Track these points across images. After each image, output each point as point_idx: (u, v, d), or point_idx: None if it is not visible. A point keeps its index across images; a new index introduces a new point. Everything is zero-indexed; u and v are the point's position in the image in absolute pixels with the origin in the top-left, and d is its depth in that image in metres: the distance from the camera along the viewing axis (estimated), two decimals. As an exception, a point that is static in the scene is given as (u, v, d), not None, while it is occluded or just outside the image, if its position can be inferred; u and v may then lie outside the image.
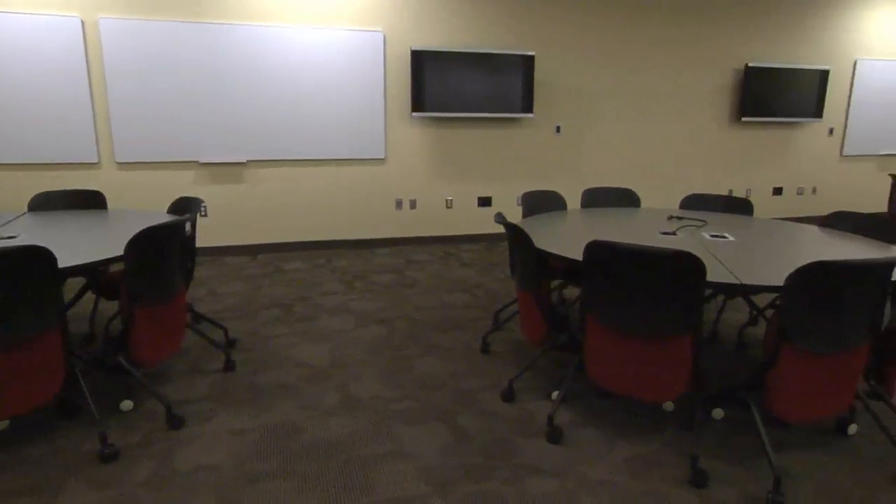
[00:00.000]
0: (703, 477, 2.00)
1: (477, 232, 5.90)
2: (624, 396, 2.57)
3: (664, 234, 2.83)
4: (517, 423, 2.40)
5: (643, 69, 5.97)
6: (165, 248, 2.36)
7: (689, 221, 3.18)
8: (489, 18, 5.43)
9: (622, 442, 2.26)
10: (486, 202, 5.86)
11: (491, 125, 5.67)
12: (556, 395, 2.60)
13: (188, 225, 2.78)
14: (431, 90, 5.24)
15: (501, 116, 5.54)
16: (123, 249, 2.18)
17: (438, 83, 5.24)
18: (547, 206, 3.56)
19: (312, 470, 2.08)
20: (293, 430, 2.34)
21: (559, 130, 5.86)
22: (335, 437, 2.29)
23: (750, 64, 6.09)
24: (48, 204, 3.40)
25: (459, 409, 2.51)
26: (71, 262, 2.15)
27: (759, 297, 3.92)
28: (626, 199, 3.80)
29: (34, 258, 1.91)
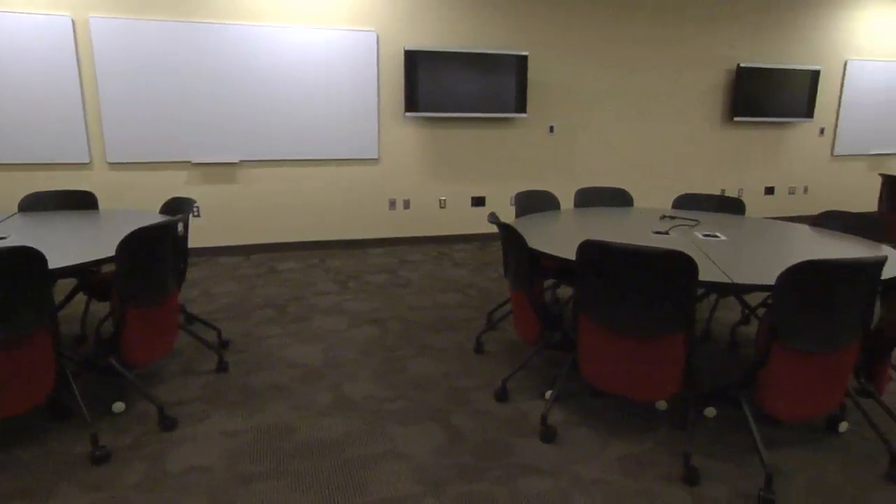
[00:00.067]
0: (695, 475, 2.02)
1: (470, 232, 5.90)
2: (617, 395, 2.58)
3: (657, 233, 2.84)
4: (511, 422, 2.40)
5: (637, 69, 6.00)
6: (157, 248, 2.35)
7: (681, 221, 3.20)
8: (482, 18, 5.43)
9: (615, 441, 2.27)
10: (479, 202, 5.87)
11: (484, 125, 5.68)
12: (549, 394, 2.60)
13: (180, 225, 2.77)
14: (425, 90, 5.24)
15: (495, 116, 5.55)
16: (115, 250, 2.17)
17: (432, 83, 5.24)
18: (540, 205, 3.57)
19: (305, 470, 2.07)
20: (286, 430, 2.33)
21: (552, 130, 5.88)
22: (328, 437, 2.29)
23: (742, 64, 6.13)
24: (39, 204, 3.38)
25: (453, 408, 2.52)
26: (61, 262, 2.14)
27: (751, 296, 3.94)
28: (619, 198, 3.82)
29: (24, 259, 1.90)
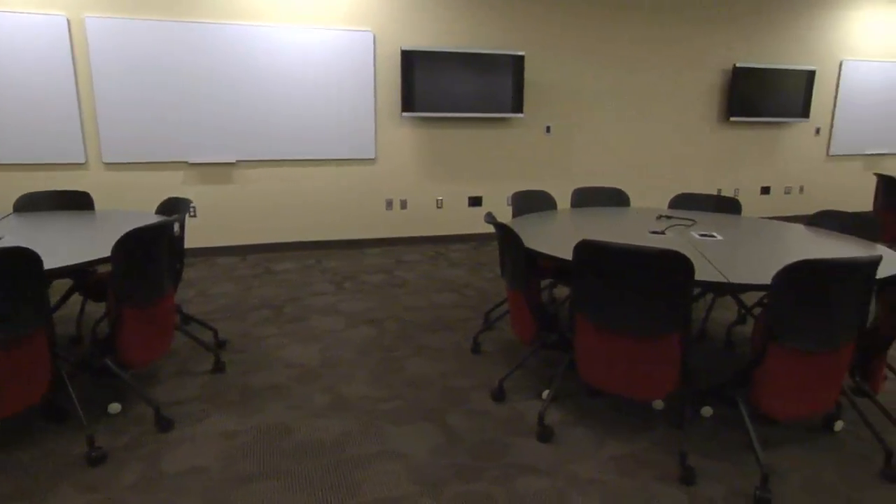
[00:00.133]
0: (691, 474, 2.02)
1: (467, 232, 5.90)
2: (614, 395, 2.58)
3: (653, 233, 2.85)
4: (507, 422, 2.40)
5: (633, 70, 6.01)
6: (153, 249, 2.34)
7: (677, 221, 3.20)
8: (479, 19, 5.43)
9: (612, 440, 2.27)
10: (476, 202, 5.87)
11: (481, 125, 5.68)
12: (546, 394, 2.60)
13: (176, 226, 2.76)
14: (421, 90, 5.23)
15: (491, 116, 5.55)
16: (111, 250, 2.17)
17: (428, 83, 5.24)
18: (537, 205, 3.57)
19: (302, 471, 2.07)
20: (283, 431, 2.33)
21: (549, 130, 5.88)
22: (325, 437, 2.28)
23: (738, 64, 6.14)
24: (34, 205, 3.36)
25: (449, 408, 2.52)
26: (57, 263, 2.13)
27: (747, 295, 3.95)
28: (615, 198, 3.82)
29: (19, 260, 1.89)
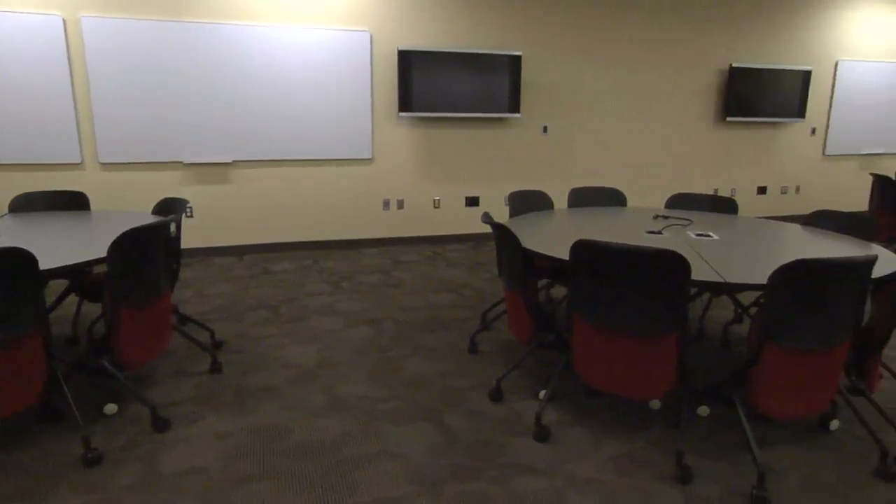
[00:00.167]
0: (688, 473, 2.02)
1: (464, 232, 5.90)
2: (611, 395, 2.59)
3: (650, 233, 2.85)
4: (505, 422, 2.40)
5: (630, 70, 6.01)
6: (149, 249, 2.34)
7: (674, 220, 3.21)
8: (476, 18, 5.43)
9: (609, 440, 2.28)
10: (473, 202, 5.87)
11: (478, 125, 5.68)
12: (543, 394, 2.61)
13: (173, 226, 2.75)
14: (418, 90, 5.23)
15: (489, 116, 5.55)
16: (107, 251, 2.16)
17: (425, 83, 5.24)
18: (534, 205, 3.57)
19: (300, 471, 2.07)
20: (280, 431, 2.33)
21: (546, 130, 5.89)
22: (323, 438, 2.28)
23: (734, 64, 6.16)
24: (29, 205, 3.35)
25: (447, 408, 2.52)
26: (53, 264, 2.12)
27: (743, 294, 3.96)
28: (612, 198, 3.83)
29: (14, 260, 1.88)
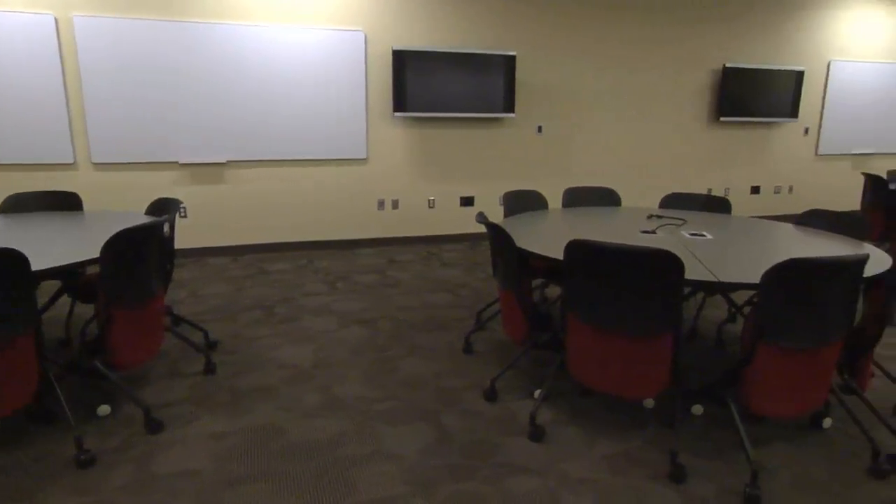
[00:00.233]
0: (682, 472, 2.03)
1: (459, 232, 5.91)
2: (605, 394, 2.59)
3: (644, 232, 2.86)
4: (499, 422, 2.41)
5: (624, 70, 6.03)
6: (143, 249, 2.33)
7: (668, 220, 3.22)
8: (470, 18, 5.44)
9: (603, 439, 2.28)
10: (468, 202, 5.87)
11: (473, 125, 5.68)
12: (538, 393, 2.61)
13: (166, 226, 2.74)
14: (413, 90, 5.23)
15: (483, 116, 5.55)
16: (100, 251, 2.15)
17: (420, 83, 5.23)
18: (528, 205, 3.57)
19: (295, 472, 2.06)
20: (275, 432, 2.32)
21: (541, 130, 5.89)
22: (318, 438, 2.28)
23: (728, 65, 6.18)
24: (21, 206, 3.33)
25: (442, 408, 2.52)
26: (45, 264, 2.11)
27: (737, 294, 3.98)
28: (606, 198, 3.84)
29: (6, 261, 1.87)
